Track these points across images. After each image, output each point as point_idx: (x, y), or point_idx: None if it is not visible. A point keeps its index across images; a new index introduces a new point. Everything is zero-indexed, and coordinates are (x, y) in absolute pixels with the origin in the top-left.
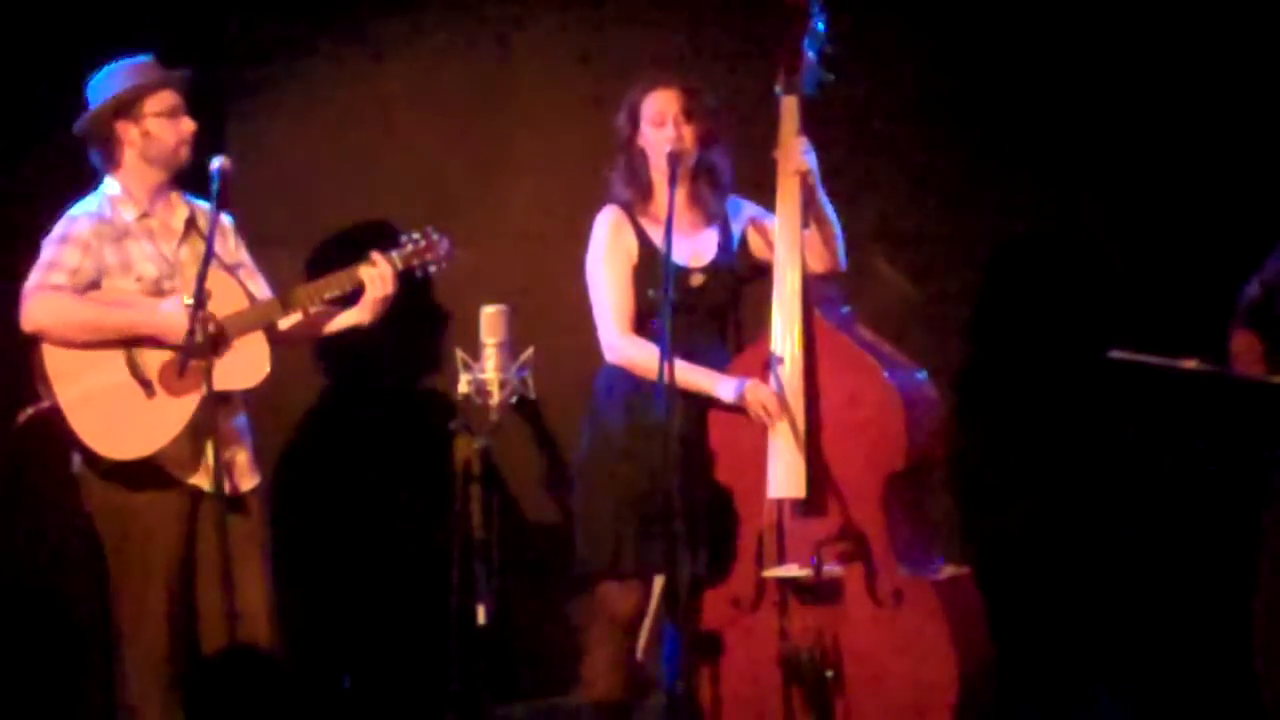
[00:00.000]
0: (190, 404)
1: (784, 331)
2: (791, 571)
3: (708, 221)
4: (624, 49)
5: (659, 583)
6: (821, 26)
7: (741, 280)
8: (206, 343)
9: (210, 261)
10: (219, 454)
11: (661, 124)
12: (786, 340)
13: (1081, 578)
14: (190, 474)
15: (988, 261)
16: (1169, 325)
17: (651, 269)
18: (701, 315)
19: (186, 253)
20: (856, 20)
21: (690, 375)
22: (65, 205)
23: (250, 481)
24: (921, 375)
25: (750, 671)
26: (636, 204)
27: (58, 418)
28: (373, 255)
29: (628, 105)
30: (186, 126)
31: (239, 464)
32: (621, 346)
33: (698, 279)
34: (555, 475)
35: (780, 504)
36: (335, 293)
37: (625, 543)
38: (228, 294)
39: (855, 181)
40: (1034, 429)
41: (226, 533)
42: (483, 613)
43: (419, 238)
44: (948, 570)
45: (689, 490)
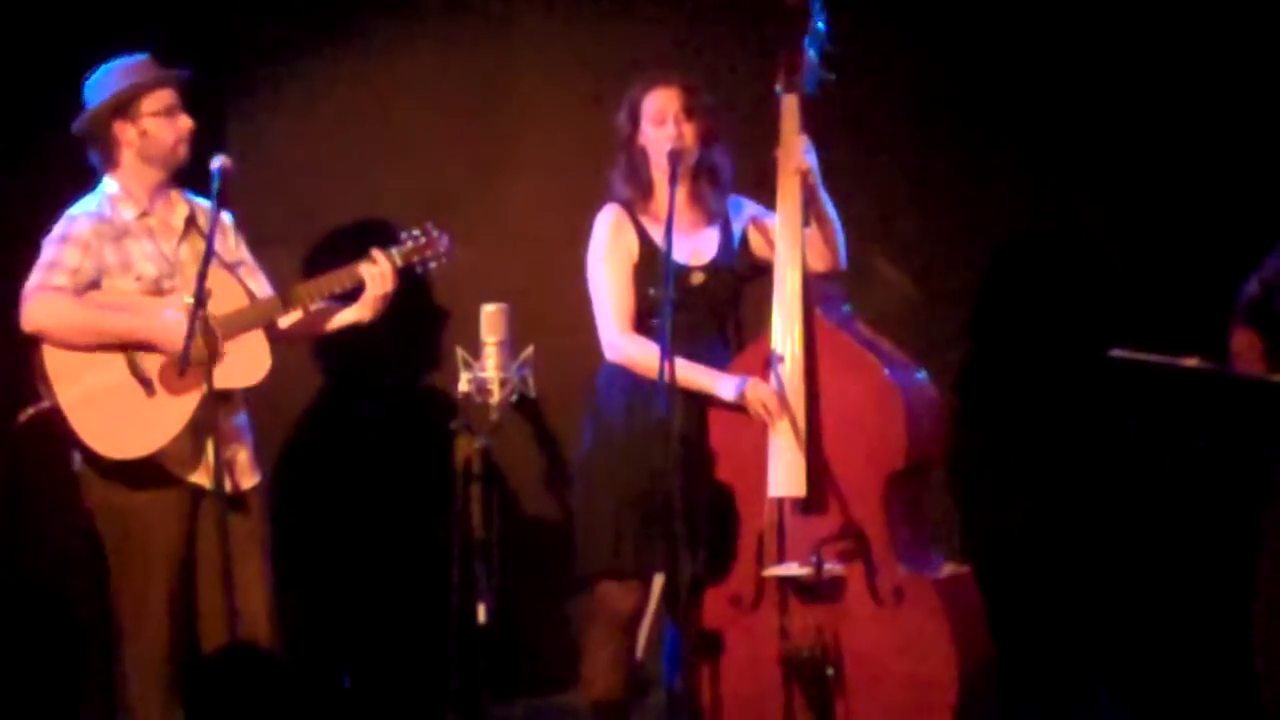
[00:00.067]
0: (190, 402)
1: (784, 330)
2: (792, 570)
3: (708, 220)
4: (624, 48)
5: (659, 582)
6: (822, 25)
7: (742, 279)
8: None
9: (211, 260)
10: (219, 452)
11: (662, 122)
12: (787, 339)
13: (1081, 577)
14: (191, 472)
15: (988, 261)
16: (1169, 324)
17: (652, 267)
18: (702, 314)
19: (186, 251)
20: (857, 19)
21: (690, 374)
22: (65, 205)
23: (251, 480)
24: (922, 374)
25: (751, 670)
26: (637, 202)
27: (58, 418)
28: (373, 253)
29: (628, 103)
30: (184, 124)
31: (240, 462)
32: (622, 345)
33: (698, 277)
34: (555, 474)
35: (780, 503)
36: (335, 290)
37: (625, 542)
38: (228, 292)
39: (855, 181)
40: (1034, 428)
41: (227, 531)
42: (483, 611)
43: (419, 234)
44: (948, 569)
45: (689, 489)
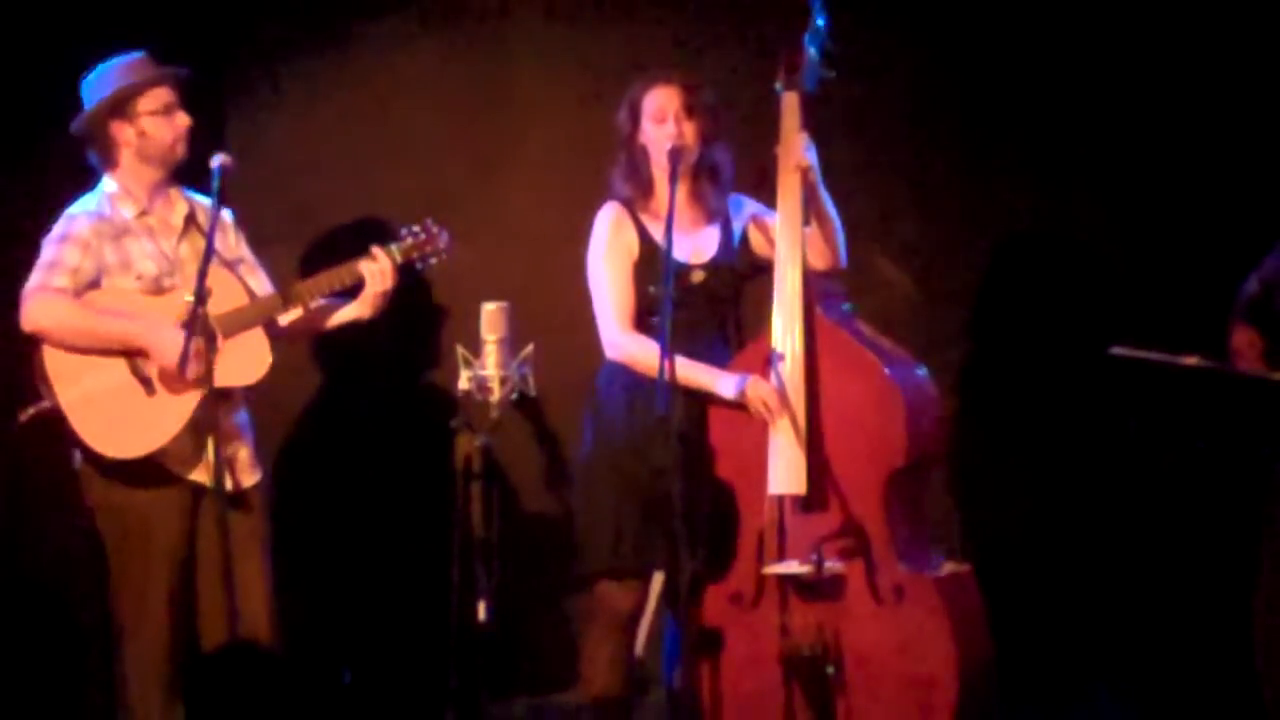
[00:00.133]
0: (191, 401)
1: (785, 328)
2: (792, 568)
3: (709, 218)
4: (624, 46)
5: (658, 580)
6: (822, 23)
7: (742, 277)
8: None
9: (211, 259)
10: (220, 450)
11: (662, 120)
12: (787, 337)
13: (1081, 576)
14: (191, 470)
15: (988, 259)
16: (1169, 322)
17: (652, 265)
18: (702, 312)
19: (186, 249)
20: (857, 17)
21: (691, 372)
22: (65, 205)
23: (251, 478)
24: (922, 372)
25: (751, 668)
26: (637, 200)
27: (58, 417)
28: (372, 250)
29: (629, 101)
30: (182, 122)
31: (240, 460)
32: (622, 343)
33: (698, 276)
34: (555, 472)
35: (781, 500)
36: (335, 287)
37: (625, 540)
38: (228, 290)
39: (855, 179)
40: (1034, 426)
41: (227, 529)
42: (482, 609)
43: (418, 230)
44: (948, 567)
45: (690, 487)
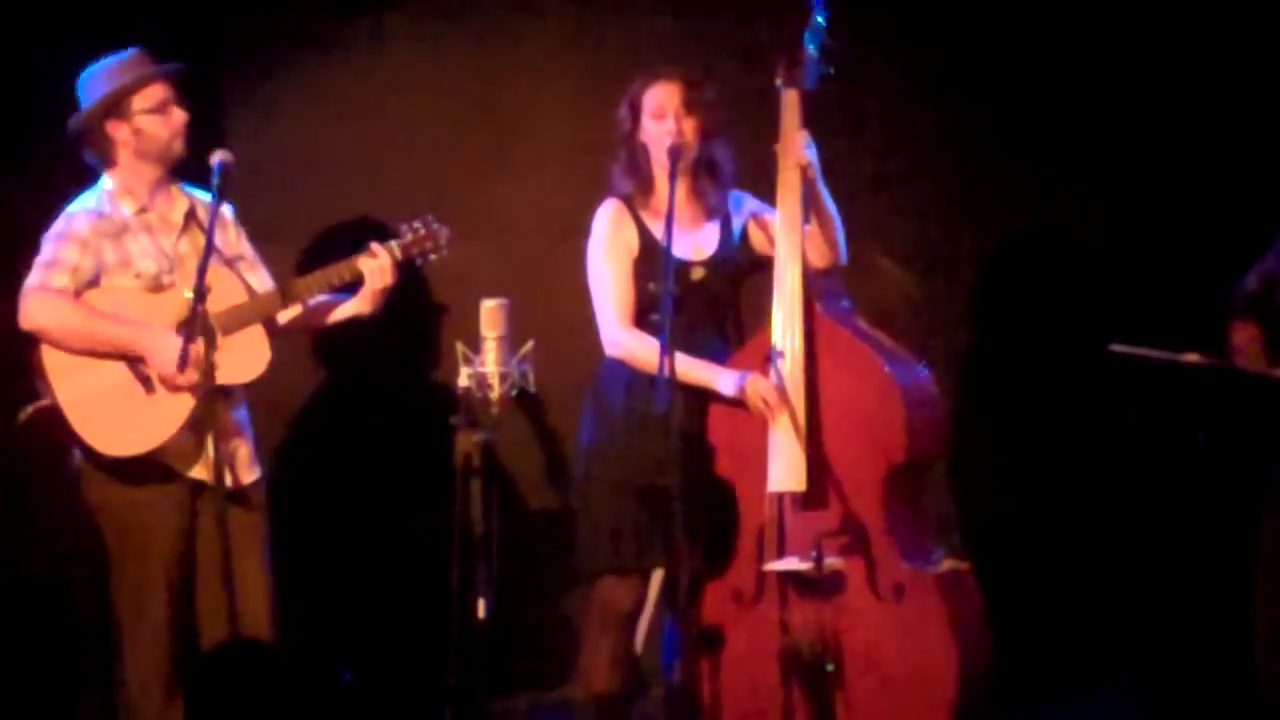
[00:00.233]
0: (190, 399)
1: (785, 325)
2: (792, 565)
3: (708, 215)
4: (624, 43)
5: (658, 576)
6: (822, 20)
7: (742, 274)
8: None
9: (210, 257)
10: (219, 447)
11: (662, 117)
12: (787, 334)
13: (1081, 573)
14: (191, 467)
15: (988, 257)
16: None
17: (652, 262)
18: (702, 309)
19: (186, 246)
20: (857, 15)
21: (691, 369)
22: (65, 203)
23: (251, 475)
24: (922, 369)
25: (750, 665)
26: (637, 197)
27: (57, 415)
28: (372, 246)
29: (629, 98)
30: (178, 118)
31: (240, 457)
32: (622, 340)
33: (698, 273)
34: (555, 469)
35: (780, 498)
36: (334, 284)
37: (625, 537)
38: (227, 288)
39: (855, 177)
40: (1035, 424)
41: (227, 526)
42: (482, 606)
43: (418, 226)
44: (948, 564)
45: (689, 484)
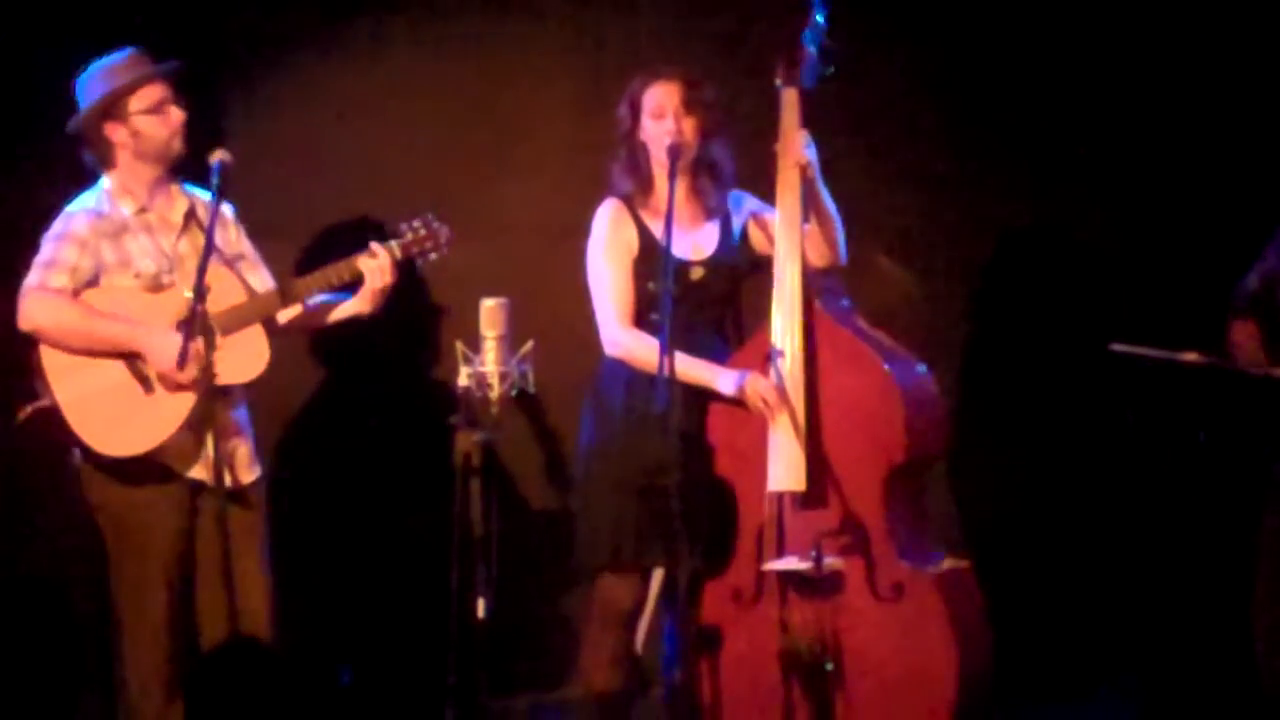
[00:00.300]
0: (189, 399)
1: (784, 325)
2: (792, 565)
3: (708, 215)
4: (624, 42)
5: (658, 576)
6: (822, 19)
7: (742, 274)
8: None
9: (210, 257)
10: (219, 447)
11: (661, 117)
12: (787, 334)
13: (1081, 572)
14: (190, 467)
15: (988, 256)
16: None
17: (651, 262)
18: (701, 309)
19: (186, 245)
20: (857, 15)
21: (690, 368)
22: (65, 203)
23: (251, 475)
24: (922, 369)
25: (750, 664)
26: (637, 197)
27: (56, 415)
28: (372, 246)
29: (628, 98)
30: (175, 117)
31: (240, 457)
32: (621, 340)
33: (698, 272)
34: (555, 469)
35: (780, 497)
36: (334, 283)
37: (625, 536)
38: (226, 288)
39: (854, 176)
40: (1035, 423)
41: (227, 526)
42: (482, 606)
43: (419, 226)
44: (947, 564)
45: (689, 484)
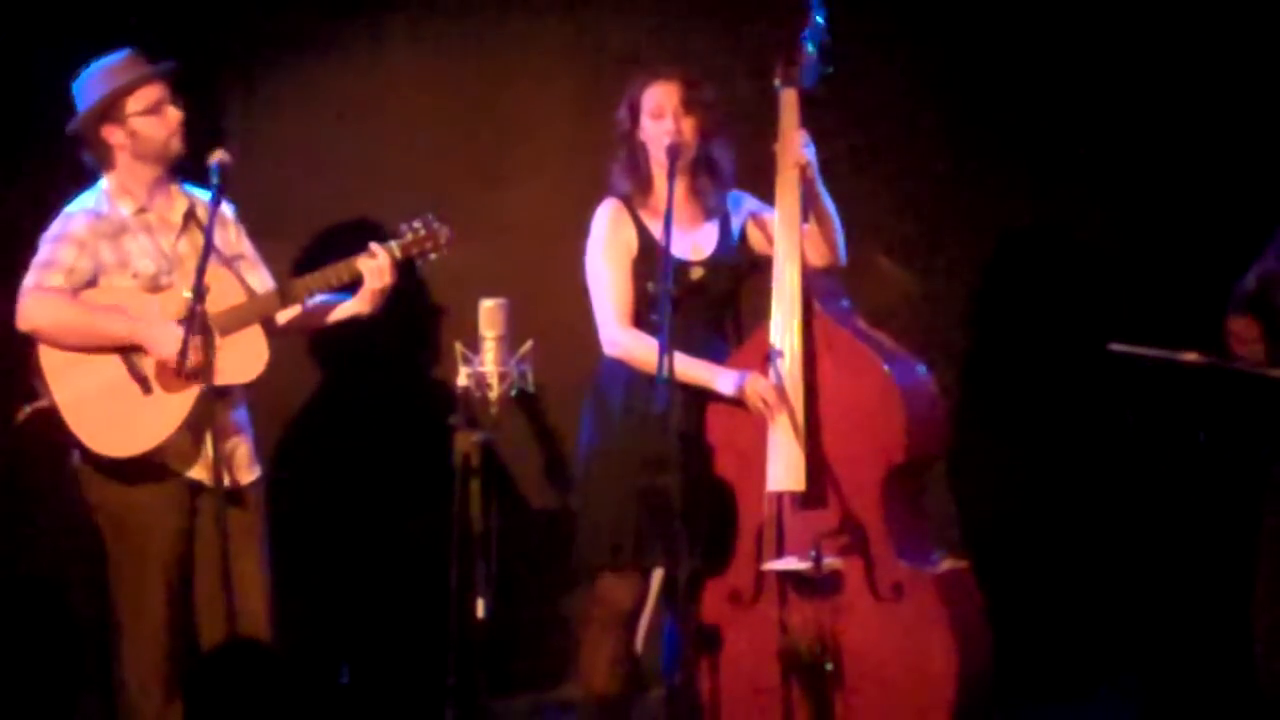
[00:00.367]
0: (188, 400)
1: (784, 325)
2: (791, 565)
3: (707, 215)
4: (623, 43)
5: (658, 576)
6: (821, 20)
7: (741, 274)
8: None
9: (209, 257)
10: (218, 447)
11: (660, 117)
12: (786, 334)
13: (1081, 572)
14: (189, 467)
15: (988, 256)
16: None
17: (651, 262)
18: (701, 309)
19: (185, 245)
20: (857, 15)
21: (689, 369)
22: (64, 203)
23: (250, 475)
24: (921, 369)
25: (750, 665)
26: (636, 197)
27: (55, 416)
28: (371, 246)
29: (628, 98)
30: (173, 117)
31: (239, 457)
32: (621, 340)
33: (697, 272)
34: (554, 469)
35: (779, 497)
36: (333, 284)
37: (625, 536)
38: (226, 288)
39: (854, 176)
40: (1034, 423)
41: (226, 526)
42: (481, 606)
43: (418, 226)
44: (947, 564)
45: (688, 484)
